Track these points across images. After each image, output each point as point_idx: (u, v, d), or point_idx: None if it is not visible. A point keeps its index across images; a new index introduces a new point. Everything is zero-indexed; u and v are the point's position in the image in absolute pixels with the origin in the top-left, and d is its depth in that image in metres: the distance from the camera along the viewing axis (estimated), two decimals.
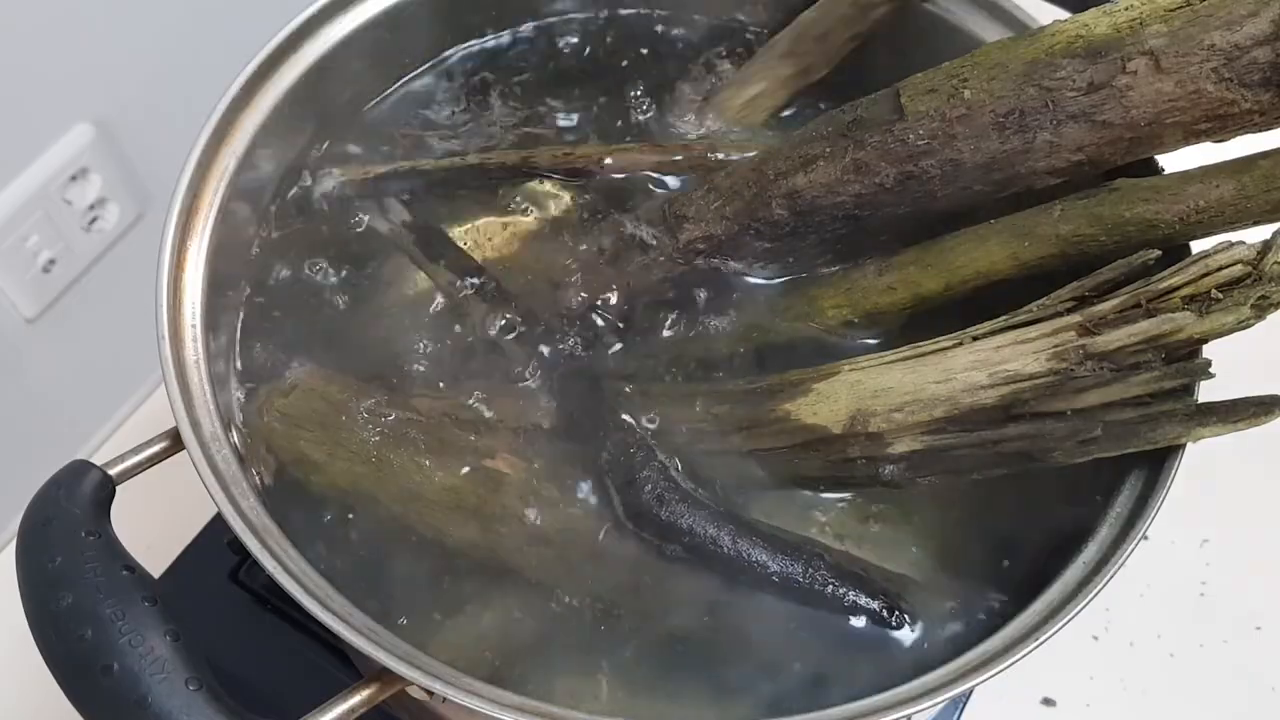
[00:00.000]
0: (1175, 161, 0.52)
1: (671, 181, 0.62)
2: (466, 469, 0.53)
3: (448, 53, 0.67)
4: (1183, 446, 0.49)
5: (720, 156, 0.61)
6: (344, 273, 0.60)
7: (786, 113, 0.65)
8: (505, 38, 0.68)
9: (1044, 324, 0.49)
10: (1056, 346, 0.49)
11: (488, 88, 0.66)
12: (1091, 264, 0.51)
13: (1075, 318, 0.49)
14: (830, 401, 0.52)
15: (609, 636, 0.51)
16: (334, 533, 0.53)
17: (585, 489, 0.54)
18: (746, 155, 0.59)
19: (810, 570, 0.51)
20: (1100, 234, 0.51)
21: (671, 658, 0.51)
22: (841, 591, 0.51)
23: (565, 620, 0.51)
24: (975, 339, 0.51)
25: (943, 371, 0.50)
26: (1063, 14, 0.54)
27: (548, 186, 0.62)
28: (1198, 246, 0.50)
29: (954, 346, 0.51)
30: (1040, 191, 0.53)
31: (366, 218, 0.62)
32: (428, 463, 0.53)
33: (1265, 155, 0.50)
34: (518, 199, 0.62)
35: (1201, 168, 0.51)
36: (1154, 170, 0.53)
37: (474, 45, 0.67)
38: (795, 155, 0.55)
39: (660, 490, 0.51)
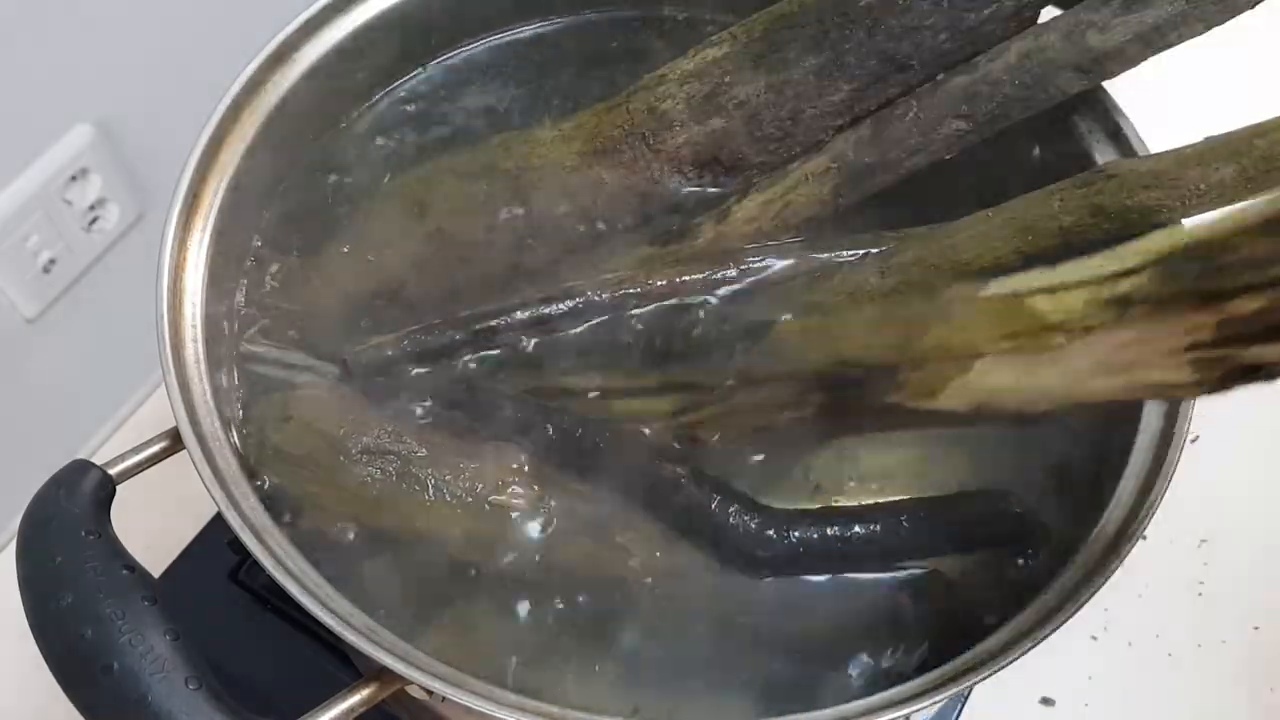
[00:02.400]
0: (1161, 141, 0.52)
1: None
2: (473, 504, 0.52)
3: (453, 52, 0.67)
4: (1182, 446, 0.49)
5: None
6: None
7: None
8: (512, 35, 0.68)
9: None
10: None
11: (491, 88, 0.66)
12: (1097, 245, 0.50)
13: None
14: None
15: (609, 636, 0.51)
16: (335, 544, 0.52)
17: (599, 521, 0.53)
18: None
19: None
20: (1103, 222, 0.51)
21: (672, 656, 0.51)
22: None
23: (567, 620, 0.51)
24: None
25: None
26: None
27: None
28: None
29: None
30: (1027, 172, 0.53)
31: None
32: (431, 500, 0.52)
33: (1259, 134, 0.48)
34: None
35: (1194, 148, 0.50)
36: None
37: (478, 45, 0.67)
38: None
39: (754, 527, 0.51)
